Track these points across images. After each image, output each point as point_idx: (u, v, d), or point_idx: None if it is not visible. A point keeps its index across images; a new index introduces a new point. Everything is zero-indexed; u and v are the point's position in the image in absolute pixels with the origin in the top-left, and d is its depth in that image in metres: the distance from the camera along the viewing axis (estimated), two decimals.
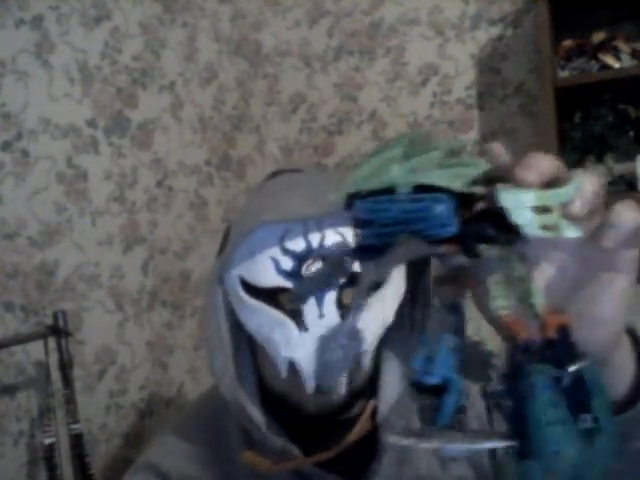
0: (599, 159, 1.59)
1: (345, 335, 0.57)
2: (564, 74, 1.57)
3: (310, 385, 0.58)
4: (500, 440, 0.33)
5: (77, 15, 1.45)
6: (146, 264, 1.60)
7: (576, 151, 1.58)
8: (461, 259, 0.34)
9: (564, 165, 0.36)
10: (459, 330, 0.35)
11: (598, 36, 1.57)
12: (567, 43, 1.59)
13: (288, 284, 0.58)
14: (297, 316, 0.58)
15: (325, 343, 0.57)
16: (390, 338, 0.64)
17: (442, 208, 0.32)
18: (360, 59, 1.99)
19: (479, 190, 0.33)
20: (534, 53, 1.74)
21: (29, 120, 1.32)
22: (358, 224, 0.35)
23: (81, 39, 1.46)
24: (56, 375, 1.27)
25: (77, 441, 1.26)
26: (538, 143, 1.73)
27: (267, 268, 0.59)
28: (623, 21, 1.63)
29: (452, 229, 0.32)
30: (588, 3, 1.55)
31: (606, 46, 1.56)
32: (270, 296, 0.60)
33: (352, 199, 0.35)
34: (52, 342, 1.26)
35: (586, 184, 0.34)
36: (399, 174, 0.33)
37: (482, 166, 0.34)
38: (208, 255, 1.83)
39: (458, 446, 0.33)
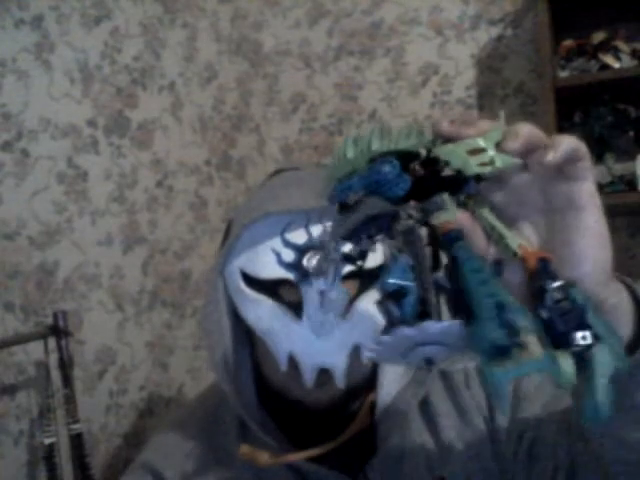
0: (599, 159, 1.59)
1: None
2: (564, 74, 1.57)
3: (310, 378, 0.58)
4: (449, 320, 0.36)
5: (77, 15, 1.45)
6: (146, 264, 1.60)
7: None
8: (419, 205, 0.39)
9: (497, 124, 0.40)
10: (418, 255, 0.38)
11: (598, 36, 1.57)
12: (567, 43, 1.59)
13: (289, 276, 0.58)
14: (298, 308, 0.58)
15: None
16: None
17: (390, 166, 0.37)
18: (360, 59, 1.99)
19: (422, 151, 0.38)
20: (534, 53, 1.73)
21: (29, 120, 1.32)
22: (341, 211, 0.40)
23: (81, 39, 1.46)
24: (56, 375, 1.27)
25: (77, 441, 1.26)
26: None
27: (268, 260, 0.59)
28: (623, 21, 1.62)
29: (404, 185, 0.37)
30: (588, 3, 1.55)
31: (606, 46, 1.56)
32: (271, 288, 0.60)
33: (331, 192, 0.41)
34: (52, 342, 1.26)
35: (518, 125, 0.39)
36: (353, 153, 0.39)
37: (422, 137, 0.38)
38: (208, 255, 1.83)
39: (412, 331, 0.35)
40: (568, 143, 0.39)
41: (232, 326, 0.65)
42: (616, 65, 1.53)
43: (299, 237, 0.58)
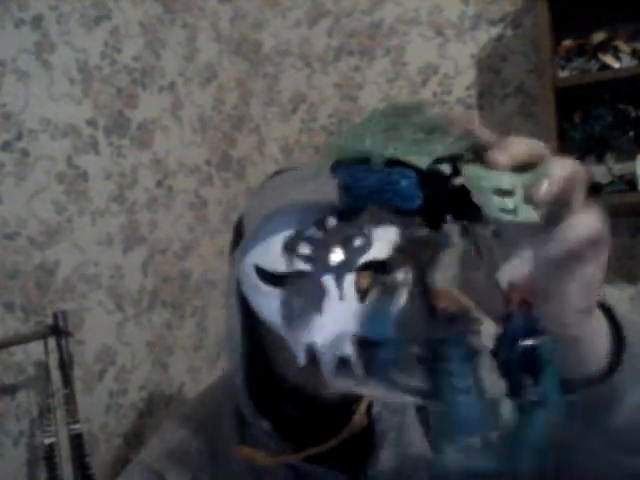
0: (599, 159, 1.59)
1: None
2: (564, 74, 1.57)
3: (329, 369, 0.58)
4: (417, 396, 0.37)
5: (77, 15, 1.45)
6: (146, 264, 1.60)
7: (576, 151, 1.58)
8: (424, 231, 0.37)
9: (545, 149, 0.36)
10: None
11: (598, 36, 1.57)
12: (567, 43, 1.59)
13: (306, 268, 0.58)
14: (315, 300, 0.58)
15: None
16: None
17: (407, 183, 0.35)
18: (360, 59, 1.99)
19: (445, 169, 0.35)
20: (534, 53, 1.73)
21: (29, 120, 1.32)
22: (341, 189, 0.39)
23: (81, 39, 1.46)
24: (56, 375, 1.27)
25: (77, 441, 1.26)
26: None
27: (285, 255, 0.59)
28: (623, 21, 1.63)
29: (417, 202, 0.35)
30: (588, 3, 1.55)
31: (606, 46, 1.56)
32: (286, 282, 0.60)
33: (337, 166, 0.38)
34: (52, 342, 1.26)
35: (556, 171, 0.34)
36: (371, 146, 0.35)
37: (453, 147, 0.35)
38: (208, 255, 1.83)
39: (380, 393, 0.37)
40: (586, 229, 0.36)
41: (244, 325, 0.65)
42: (616, 65, 1.53)
43: (314, 230, 0.58)
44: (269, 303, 0.61)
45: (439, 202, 0.36)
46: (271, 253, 0.60)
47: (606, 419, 0.45)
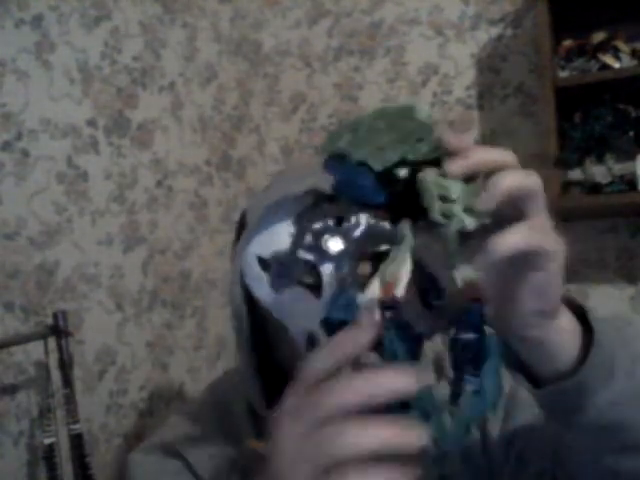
0: (599, 159, 1.59)
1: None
2: (564, 74, 1.57)
3: None
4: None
5: (77, 15, 1.45)
6: (146, 264, 1.60)
7: (576, 151, 1.58)
8: (385, 225, 0.43)
9: (506, 161, 0.39)
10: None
11: (598, 36, 1.57)
12: (567, 43, 1.59)
13: (308, 257, 0.58)
14: (316, 288, 0.59)
15: None
16: None
17: (363, 181, 0.40)
18: (360, 59, 1.99)
19: (403, 172, 0.40)
20: (534, 53, 1.73)
21: (29, 120, 1.32)
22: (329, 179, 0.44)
23: (81, 39, 1.46)
24: (56, 375, 1.27)
25: (77, 441, 1.26)
26: (538, 143, 1.73)
27: (286, 243, 0.60)
28: (623, 21, 1.62)
29: (381, 198, 0.40)
30: (588, 3, 1.55)
31: (606, 46, 1.56)
32: None
33: (327, 158, 0.44)
34: (52, 342, 1.26)
35: (498, 183, 0.37)
36: (347, 145, 0.41)
37: (410, 153, 0.40)
38: (208, 255, 1.83)
39: None
40: (515, 237, 0.38)
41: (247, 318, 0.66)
42: (616, 65, 1.53)
43: (313, 218, 0.59)
44: (270, 292, 0.62)
45: (399, 201, 0.41)
46: (273, 244, 0.61)
47: (578, 417, 0.46)
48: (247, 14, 2.10)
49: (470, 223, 0.38)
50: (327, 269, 0.58)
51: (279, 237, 0.61)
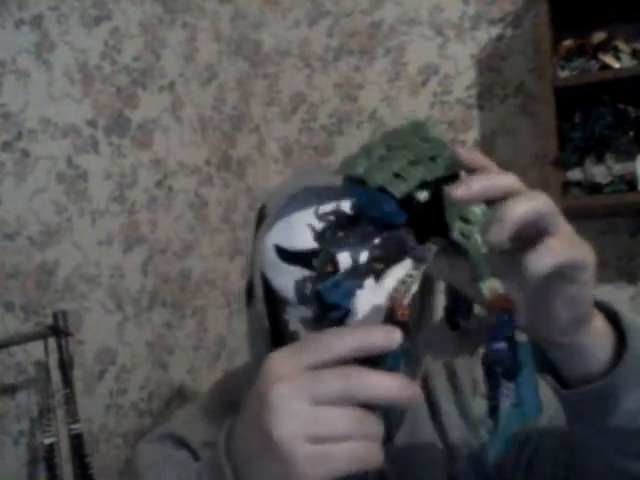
0: (599, 159, 1.59)
1: None
2: (564, 74, 1.57)
3: None
4: None
5: (77, 15, 1.45)
6: (146, 264, 1.60)
7: (576, 151, 1.58)
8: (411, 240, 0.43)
9: (514, 186, 0.39)
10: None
11: (598, 36, 1.57)
12: (567, 43, 1.59)
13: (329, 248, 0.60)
14: (331, 276, 0.60)
15: None
16: None
17: (387, 208, 0.41)
18: (360, 59, 1.99)
19: (422, 195, 0.41)
20: (534, 53, 1.74)
21: (29, 120, 1.32)
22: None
23: (81, 39, 1.46)
24: (56, 375, 1.27)
25: (77, 441, 1.26)
26: (538, 143, 1.73)
27: (304, 233, 0.62)
28: (623, 21, 1.63)
29: (400, 220, 0.42)
30: (588, 3, 1.55)
31: (606, 46, 1.56)
32: (305, 259, 0.64)
33: (344, 182, 0.45)
34: (52, 342, 1.26)
35: (509, 213, 0.37)
36: (365, 172, 0.42)
37: (427, 175, 0.41)
38: (208, 255, 1.83)
39: None
40: (551, 259, 0.38)
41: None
42: (616, 65, 1.53)
43: (332, 211, 0.60)
44: (287, 279, 0.63)
45: (420, 220, 0.42)
46: (291, 233, 0.64)
47: (606, 420, 0.46)
48: (247, 14, 2.10)
49: (484, 247, 0.38)
50: (344, 257, 0.58)
51: (297, 228, 0.62)
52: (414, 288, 0.42)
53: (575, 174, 1.61)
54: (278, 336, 0.68)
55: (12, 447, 1.22)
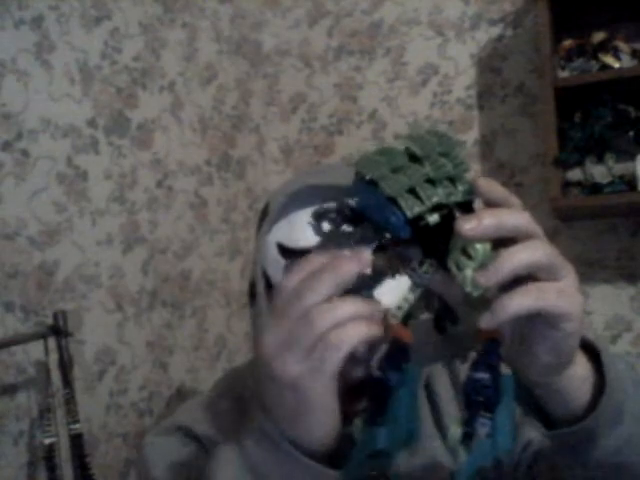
0: (599, 159, 1.59)
1: None
2: (564, 74, 1.57)
3: None
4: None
5: (77, 15, 1.45)
6: (146, 264, 1.60)
7: (576, 151, 1.58)
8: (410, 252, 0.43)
9: (523, 229, 0.40)
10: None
11: (598, 36, 1.58)
12: (567, 43, 1.59)
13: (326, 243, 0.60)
14: None
15: None
16: None
17: (394, 221, 0.41)
18: (360, 59, 1.99)
19: (433, 219, 0.41)
20: (534, 53, 1.74)
21: (29, 120, 1.32)
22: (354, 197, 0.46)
23: (81, 39, 1.46)
24: (56, 375, 1.27)
25: (77, 441, 1.26)
26: (538, 143, 1.73)
27: (306, 231, 0.62)
28: (623, 21, 1.63)
29: (404, 234, 0.41)
30: (588, 3, 1.55)
31: (606, 46, 1.56)
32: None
33: (356, 178, 0.44)
34: (52, 342, 1.26)
35: (506, 264, 0.38)
36: (379, 178, 0.42)
37: (450, 196, 0.41)
38: (208, 255, 1.83)
39: None
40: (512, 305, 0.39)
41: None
42: (616, 65, 1.53)
43: (334, 210, 0.60)
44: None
45: (425, 239, 0.42)
46: (293, 231, 0.64)
47: (587, 456, 0.47)
48: (247, 14, 2.10)
49: (472, 289, 0.39)
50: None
51: (299, 226, 0.62)
52: (407, 310, 0.43)
53: (575, 174, 1.61)
54: None
55: (12, 447, 1.22)
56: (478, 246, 0.39)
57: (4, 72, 1.27)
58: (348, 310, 0.41)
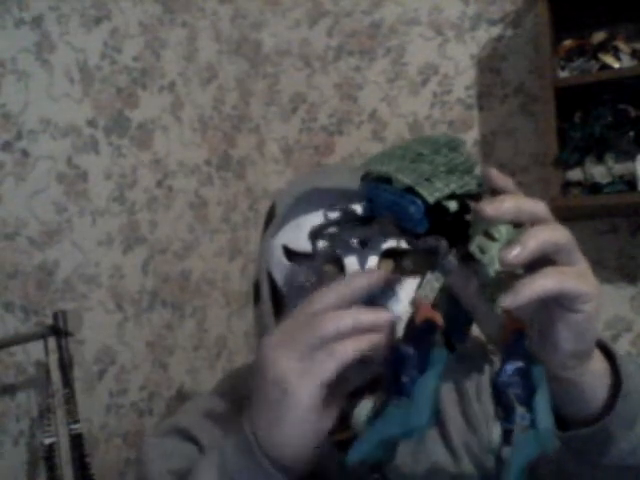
0: (599, 159, 1.59)
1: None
2: (564, 74, 1.57)
3: None
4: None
5: (77, 15, 1.45)
6: (146, 264, 1.60)
7: (576, 151, 1.58)
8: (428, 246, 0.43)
9: (540, 213, 0.41)
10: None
11: (598, 36, 1.57)
12: (567, 43, 1.59)
13: (332, 249, 0.60)
14: (338, 277, 0.60)
15: None
16: None
17: (414, 209, 0.40)
18: (360, 59, 1.99)
19: (453, 205, 0.40)
20: (534, 53, 1.74)
21: (29, 120, 1.32)
22: (364, 197, 0.46)
23: (81, 39, 1.46)
24: (56, 375, 1.27)
25: (77, 441, 1.26)
26: (538, 143, 1.73)
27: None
28: (623, 21, 1.63)
29: (423, 227, 0.41)
30: (588, 3, 1.55)
31: (606, 46, 1.56)
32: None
33: (365, 177, 0.44)
34: (52, 342, 1.26)
35: (533, 238, 0.38)
36: (395, 170, 0.41)
37: (460, 188, 0.41)
38: (208, 255, 1.83)
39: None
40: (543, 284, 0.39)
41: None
42: (616, 65, 1.53)
43: (340, 213, 0.60)
44: (293, 280, 0.63)
45: (442, 231, 0.41)
46: (299, 235, 0.63)
47: (599, 459, 0.47)
48: (247, 14, 2.10)
49: (492, 268, 0.39)
50: (351, 261, 0.59)
51: (305, 229, 0.62)
52: (431, 297, 0.43)
53: (575, 174, 1.61)
54: None
55: (12, 447, 1.22)
56: (502, 227, 0.39)
57: (4, 72, 1.27)
58: (352, 320, 0.42)
